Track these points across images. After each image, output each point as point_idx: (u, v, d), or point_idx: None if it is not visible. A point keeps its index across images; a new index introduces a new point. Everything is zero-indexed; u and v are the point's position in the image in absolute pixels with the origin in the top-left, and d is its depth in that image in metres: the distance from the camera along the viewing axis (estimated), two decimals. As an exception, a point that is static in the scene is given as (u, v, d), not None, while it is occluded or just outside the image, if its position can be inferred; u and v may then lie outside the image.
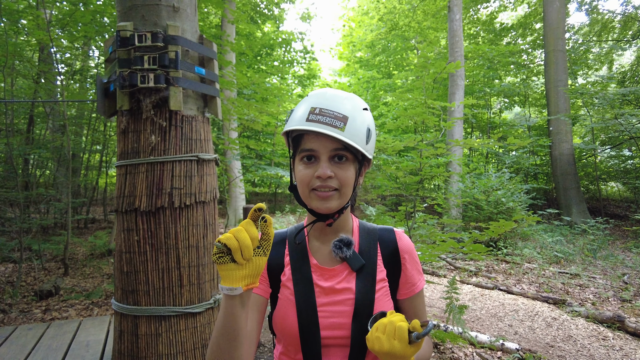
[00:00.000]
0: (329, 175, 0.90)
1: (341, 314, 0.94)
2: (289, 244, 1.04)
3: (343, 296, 0.96)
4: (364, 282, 0.97)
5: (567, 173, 11.43)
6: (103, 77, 2.29)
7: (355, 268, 0.98)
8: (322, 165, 0.90)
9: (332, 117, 0.88)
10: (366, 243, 1.03)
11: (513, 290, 5.45)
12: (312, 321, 0.93)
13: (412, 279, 1.04)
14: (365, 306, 0.94)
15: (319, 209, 0.93)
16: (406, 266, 1.03)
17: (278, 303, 0.99)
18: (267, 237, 0.79)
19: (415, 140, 3.97)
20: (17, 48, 6.11)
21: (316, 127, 0.87)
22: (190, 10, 2.30)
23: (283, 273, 1.01)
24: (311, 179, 0.91)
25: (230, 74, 5.35)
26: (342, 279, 0.98)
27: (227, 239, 0.74)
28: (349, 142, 0.87)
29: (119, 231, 2.20)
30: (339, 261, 1.00)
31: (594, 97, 11.27)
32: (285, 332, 0.96)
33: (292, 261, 1.01)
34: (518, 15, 18.72)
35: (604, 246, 8.02)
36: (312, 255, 1.02)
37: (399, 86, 16.65)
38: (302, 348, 0.94)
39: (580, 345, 3.74)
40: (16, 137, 7.34)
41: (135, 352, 2.10)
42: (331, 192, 0.91)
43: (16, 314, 4.27)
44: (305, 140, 0.93)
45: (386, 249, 1.03)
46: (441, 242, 3.04)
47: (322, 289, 0.97)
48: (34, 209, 7.61)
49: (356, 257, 0.98)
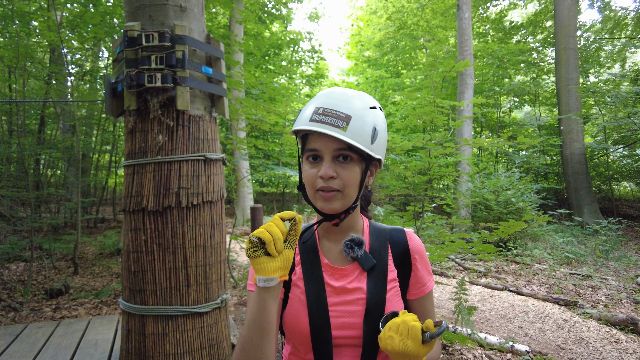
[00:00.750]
0: (331, 176, 0.89)
1: (352, 314, 0.94)
2: (299, 243, 1.04)
3: (354, 296, 0.95)
4: (375, 282, 0.97)
5: (578, 173, 11.27)
6: (111, 77, 2.29)
7: (366, 268, 0.97)
8: (325, 166, 0.89)
9: (335, 116, 0.87)
10: (377, 243, 1.02)
11: (523, 291, 5.38)
12: (324, 321, 0.93)
13: (423, 279, 1.04)
14: (376, 306, 0.94)
15: (322, 209, 0.92)
16: (417, 266, 1.03)
17: (289, 302, 0.98)
18: (295, 233, 0.84)
19: (424, 140, 3.94)
20: (28, 49, 6.19)
21: (318, 127, 0.87)
22: (197, 10, 2.30)
23: (294, 272, 1.01)
24: (315, 179, 0.91)
25: (239, 74, 5.36)
26: (354, 278, 0.97)
27: (261, 232, 0.79)
28: (351, 142, 0.86)
29: (127, 231, 2.20)
30: (350, 261, 0.99)
31: (606, 95, 11.09)
32: (296, 332, 0.95)
33: (302, 260, 1.01)
34: (528, 13, 18.51)
35: (617, 247, 7.89)
36: (323, 255, 1.01)
37: (408, 85, 16.57)
38: (313, 348, 0.93)
39: (592, 347, 3.67)
40: (28, 137, 7.44)
41: (142, 351, 2.10)
42: (333, 193, 0.90)
43: (27, 312, 4.32)
44: (310, 140, 0.93)
45: (397, 249, 1.03)
46: (450, 243, 3.01)
47: (333, 289, 0.96)
48: (45, 209, 7.70)
49: (367, 257, 0.98)
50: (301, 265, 1.00)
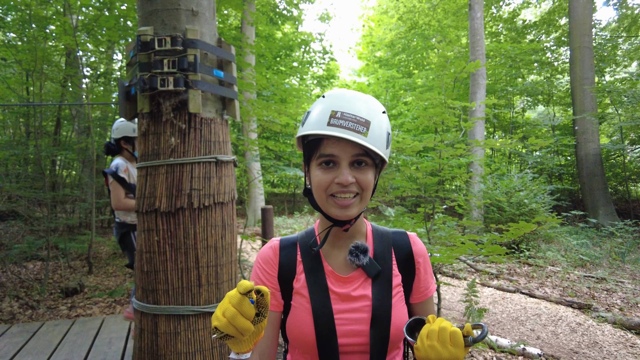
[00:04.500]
0: (351, 182, 0.88)
1: (358, 321, 0.93)
2: (301, 250, 1.02)
3: (360, 303, 0.94)
4: (381, 288, 0.96)
5: (593, 174, 11.07)
6: (124, 81, 2.34)
7: (371, 275, 0.96)
8: (344, 172, 0.87)
9: (355, 121, 0.85)
10: (381, 248, 1.01)
11: (535, 293, 5.32)
12: (330, 328, 0.92)
13: (426, 283, 1.03)
14: (382, 312, 0.93)
15: (338, 216, 0.91)
16: (420, 270, 1.03)
17: (293, 311, 0.97)
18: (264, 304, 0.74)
19: (435, 141, 3.92)
20: (45, 53, 6.33)
21: (339, 133, 0.84)
22: (208, 14, 2.33)
23: (296, 280, 0.99)
24: (329, 185, 0.89)
25: (250, 75, 5.39)
26: (358, 285, 0.96)
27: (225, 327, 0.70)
28: (373, 149, 0.85)
29: (140, 231, 2.24)
30: (354, 268, 0.98)
31: (623, 94, 10.89)
32: (301, 340, 0.94)
33: (306, 268, 0.99)
34: (542, 11, 18.25)
35: (633, 249, 7.74)
36: (326, 262, 1.00)
37: (420, 85, 16.48)
38: (320, 356, 0.93)
39: (606, 352, 3.62)
40: (44, 139, 7.60)
41: (154, 349, 2.14)
42: (353, 199, 0.89)
43: (44, 310, 4.42)
44: (324, 145, 0.90)
45: (401, 253, 1.02)
46: (460, 244, 2.99)
47: (338, 296, 0.95)
48: (61, 209, 7.86)
49: (372, 264, 0.97)
50: (304, 273, 0.98)
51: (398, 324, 0.93)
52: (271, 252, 1.03)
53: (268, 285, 1.00)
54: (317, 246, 0.99)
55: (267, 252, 1.03)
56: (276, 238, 1.06)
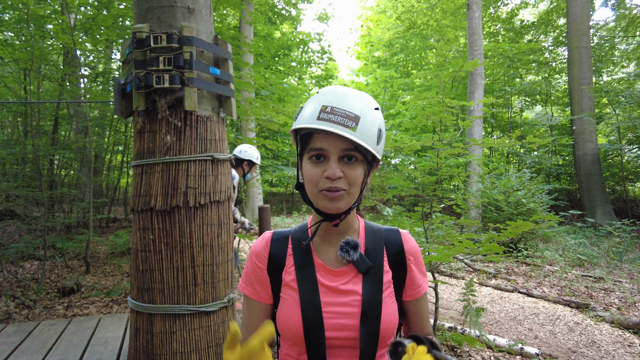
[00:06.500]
0: (339, 176, 0.88)
1: (348, 315, 0.93)
2: (293, 243, 1.03)
3: (349, 297, 0.95)
4: (371, 284, 0.96)
5: (591, 173, 11.10)
6: (120, 79, 2.33)
7: (362, 270, 0.97)
8: (332, 166, 0.88)
9: (344, 116, 0.85)
10: (372, 244, 1.02)
11: (533, 293, 5.32)
12: (317, 320, 0.92)
13: (418, 281, 1.03)
14: (372, 308, 0.93)
15: (327, 208, 0.91)
16: (411, 267, 1.02)
17: (282, 303, 0.98)
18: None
19: (433, 140, 3.91)
20: (43, 52, 6.30)
21: (327, 127, 0.85)
22: (205, 11, 2.32)
23: (287, 272, 1.00)
24: (320, 179, 0.89)
25: (248, 75, 5.39)
26: (348, 280, 0.97)
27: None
28: (361, 143, 0.85)
29: (135, 230, 2.23)
30: (345, 263, 0.99)
31: (620, 94, 10.91)
32: (289, 332, 0.95)
33: (296, 261, 1.00)
34: (540, 11, 18.28)
35: (631, 249, 7.75)
36: (317, 255, 1.00)
37: (418, 85, 16.49)
38: (307, 348, 0.93)
39: (604, 351, 3.62)
40: (42, 138, 7.58)
41: (150, 349, 2.13)
42: (340, 193, 0.89)
43: (40, 310, 4.40)
44: (314, 139, 0.91)
45: (392, 250, 1.02)
46: (458, 243, 2.99)
47: (327, 288, 0.96)
48: (58, 208, 7.83)
49: (363, 260, 0.97)
50: (295, 267, 0.99)
51: (388, 320, 0.94)
52: (262, 244, 1.04)
53: (258, 277, 1.02)
54: (307, 239, 1.00)
55: (258, 245, 1.05)
56: (269, 231, 1.08)
